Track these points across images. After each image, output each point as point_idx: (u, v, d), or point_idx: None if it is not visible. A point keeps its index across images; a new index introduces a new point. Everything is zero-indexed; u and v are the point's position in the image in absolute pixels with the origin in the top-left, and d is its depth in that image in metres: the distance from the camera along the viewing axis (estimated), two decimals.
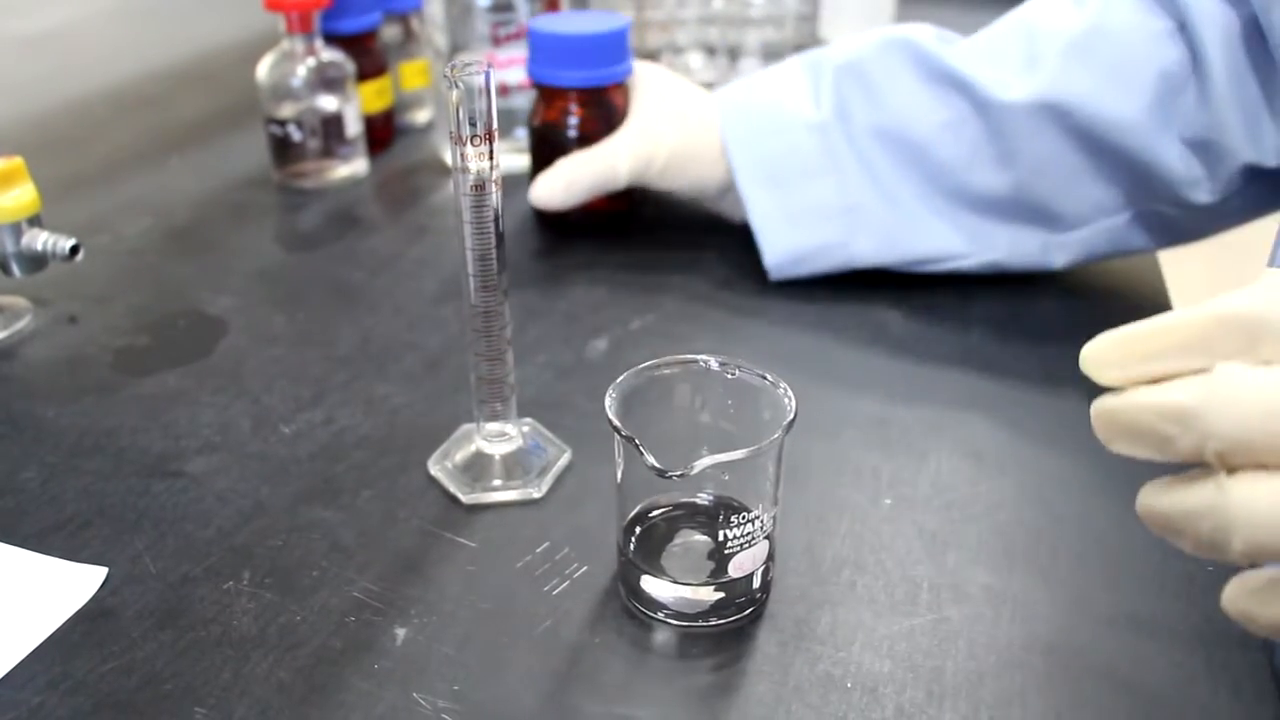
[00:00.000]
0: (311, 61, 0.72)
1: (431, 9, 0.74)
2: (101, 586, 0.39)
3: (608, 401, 0.36)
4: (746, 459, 0.34)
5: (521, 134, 0.76)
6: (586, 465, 0.45)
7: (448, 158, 0.80)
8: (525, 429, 0.46)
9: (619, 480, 0.37)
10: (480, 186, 0.39)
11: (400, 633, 0.37)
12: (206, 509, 0.43)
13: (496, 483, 0.43)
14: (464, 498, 0.43)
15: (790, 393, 0.36)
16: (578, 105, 0.64)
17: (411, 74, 0.84)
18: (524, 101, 0.74)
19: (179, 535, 0.42)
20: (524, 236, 0.67)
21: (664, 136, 0.60)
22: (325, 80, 0.73)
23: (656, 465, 0.33)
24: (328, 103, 0.73)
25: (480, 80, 0.37)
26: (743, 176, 0.59)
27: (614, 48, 0.63)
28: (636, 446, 0.34)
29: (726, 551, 0.36)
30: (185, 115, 0.92)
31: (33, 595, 0.38)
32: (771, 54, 0.95)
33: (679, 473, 0.33)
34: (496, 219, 0.40)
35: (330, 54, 0.73)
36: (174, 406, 0.50)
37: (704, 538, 0.38)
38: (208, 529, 0.42)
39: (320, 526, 0.42)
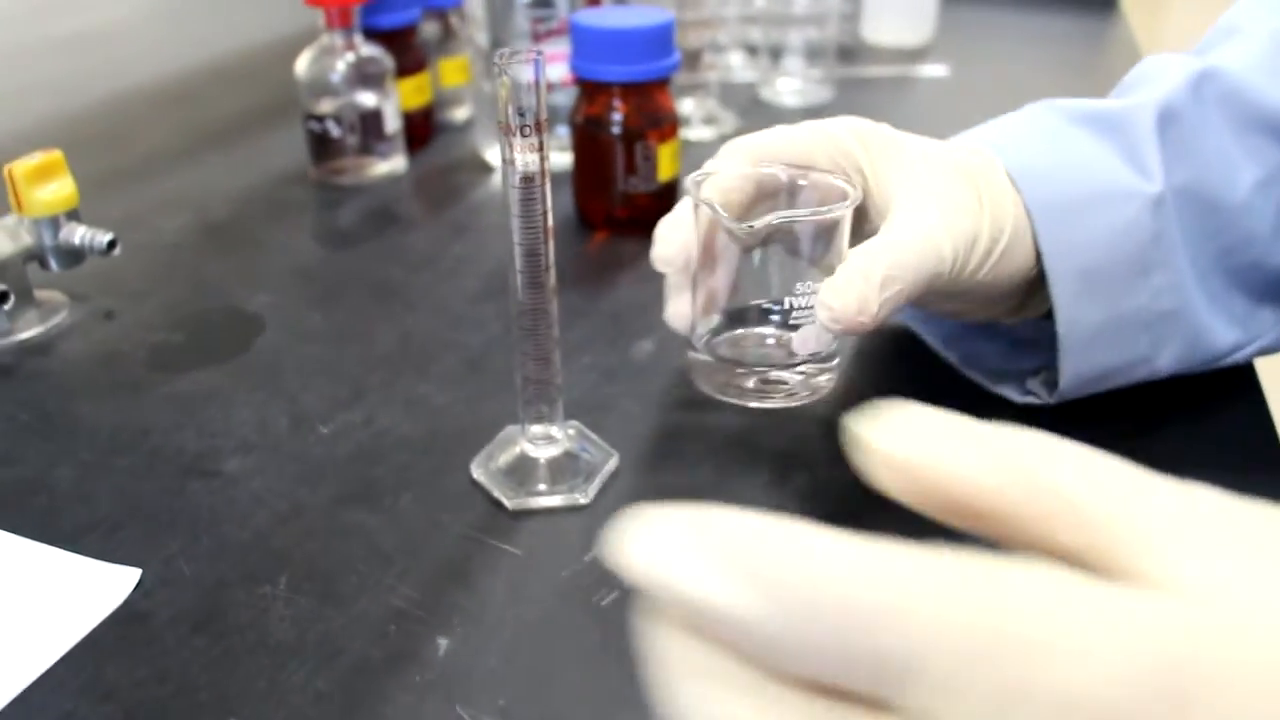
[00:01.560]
0: (350, 57, 0.71)
1: (472, 5, 0.73)
2: (135, 589, 0.38)
3: (689, 184, 0.41)
4: (812, 221, 0.39)
5: (563, 131, 0.74)
6: (634, 470, 0.43)
7: (488, 155, 0.80)
8: (571, 432, 0.44)
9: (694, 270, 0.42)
10: (529, 179, 0.37)
11: (443, 643, 0.35)
12: (243, 510, 0.42)
13: (542, 487, 0.42)
14: (508, 503, 0.41)
15: (856, 186, 0.40)
16: (621, 101, 0.62)
17: (451, 71, 0.83)
18: (565, 99, 0.73)
19: (214, 537, 0.40)
20: (566, 235, 0.66)
21: (974, 210, 0.39)
22: (364, 76, 0.71)
23: (731, 224, 0.38)
24: (366, 99, 0.72)
25: (530, 69, 0.35)
26: (1056, 269, 0.40)
27: (659, 42, 0.62)
28: (711, 207, 0.38)
29: (792, 321, 0.40)
30: (223, 112, 0.91)
31: (65, 596, 0.37)
32: (814, 53, 0.93)
33: (748, 225, 0.38)
34: (545, 214, 0.38)
35: (369, 49, 0.72)
36: (210, 404, 0.49)
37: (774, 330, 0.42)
38: (244, 531, 0.41)
39: (360, 530, 0.41)
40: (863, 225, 0.42)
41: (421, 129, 0.80)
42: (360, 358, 0.52)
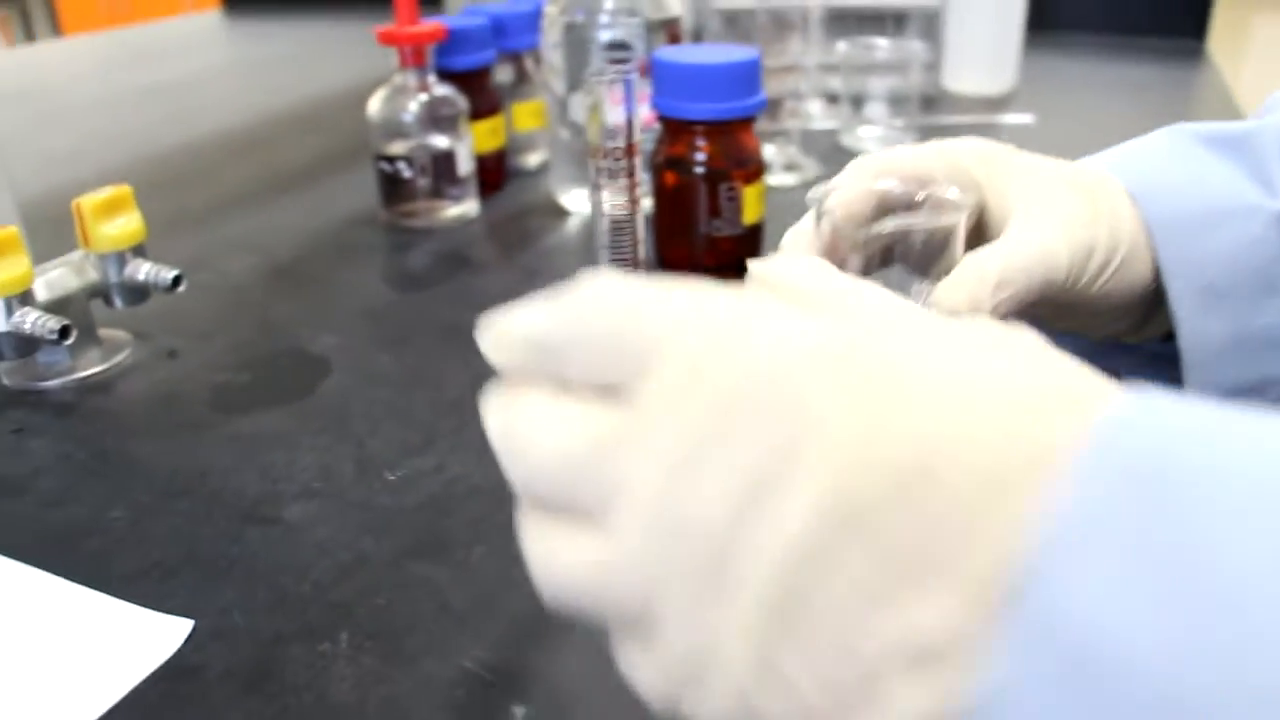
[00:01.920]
0: (424, 97, 0.69)
1: (548, 49, 0.72)
2: (186, 641, 0.35)
3: (812, 196, 0.38)
4: (928, 227, 0.36)
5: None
6: None
7: (563, 200, 0.77)
8: None
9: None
10: (621, 209, 0.34)
11: (519, 711, 0.32)
12: (303, 560, 0.39)
13: None
14: None
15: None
16: (705, 140, 0.60)
17: (525, 115, 0.82)
18: (645, 142, 0.70)
19: (272, 588, 0.37)
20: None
21: (1090, 223, 0.39)
22: (437, 117, 0.70)
23: (851, 231, 0.36)
24: (439, 140, 0.70)
25: (620, 89, 0.33)
26: (1176, 286, 0.40)
27: (745, 79, 0.59)
28: (829, 212, 0.37)
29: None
30: (294, 157, 0.91)
31: (112, 647, 0.34)
32: (896, 101, 0.90)
33: (865, 231, 0.36)
34: (636, 245, 0.35)
35: (443, 89, 0.70)
36: (272, 448, 0.46)
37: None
38: (304, 582, 0.37)
39: (428, 585, 0.37)
40: (981, 242, 0.40)
41: (494, 173, 0.78)
42: (430, 402, 0.50)
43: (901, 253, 0.39)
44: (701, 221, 0.61)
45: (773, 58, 0.88)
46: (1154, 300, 0.41)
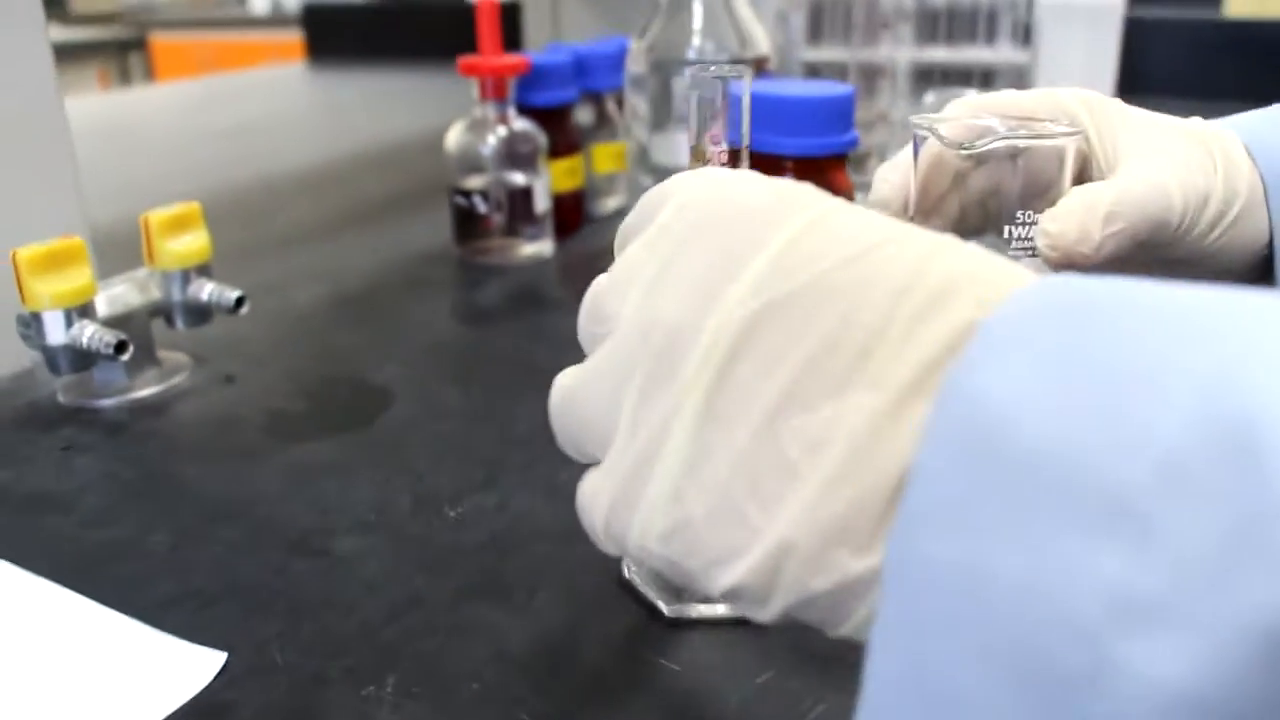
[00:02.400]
0: (502, 131, 0.68)
1: (632, 87, 0.70)
2: (219, 675, 0.31)
3: (912, 119, 0.37)
4: (1035, 146, 0.35)
5: None
6: None
7: None
8: None
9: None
10: None
11: None
12: (351, 596, 0.35)
13: None
14: (666, 609, 0.34)
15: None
16: (794, 177, 0.57)
17: (605, 157, 0.79)
18: None
19: (315, 624, 0.34)
20: None
21: (1206, 169, 0.37)
22: (515, 153, 0.68)
23: (947, 137, 0.34)
24: (516, 176, 0.68)
25: (730, 88, 0.30)
26: None
27: (838, 115, 0.56)
28: (931, 130, 0.35)
29: (1010, 253, 0.35)
30: (369, 195, 0.90)
31: (141, 676, 0.31)
32: None
33: (968, 145, 0.34)
34: None
35: (522, 124, 0.68)
36: (326, 477, 0.43)
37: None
38: (350, 620, 0.34)
39: (486, 629, 0.34)
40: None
41: (572, 215, 0.76)
42: (497, 438, 0.47)
43: (1004, 182, 0.37)
44: None
45: (861, 109, 0.86)
46: (1266, 266, 0.38)
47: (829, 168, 0.57)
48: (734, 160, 0.32)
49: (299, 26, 1.89)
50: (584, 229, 0.77)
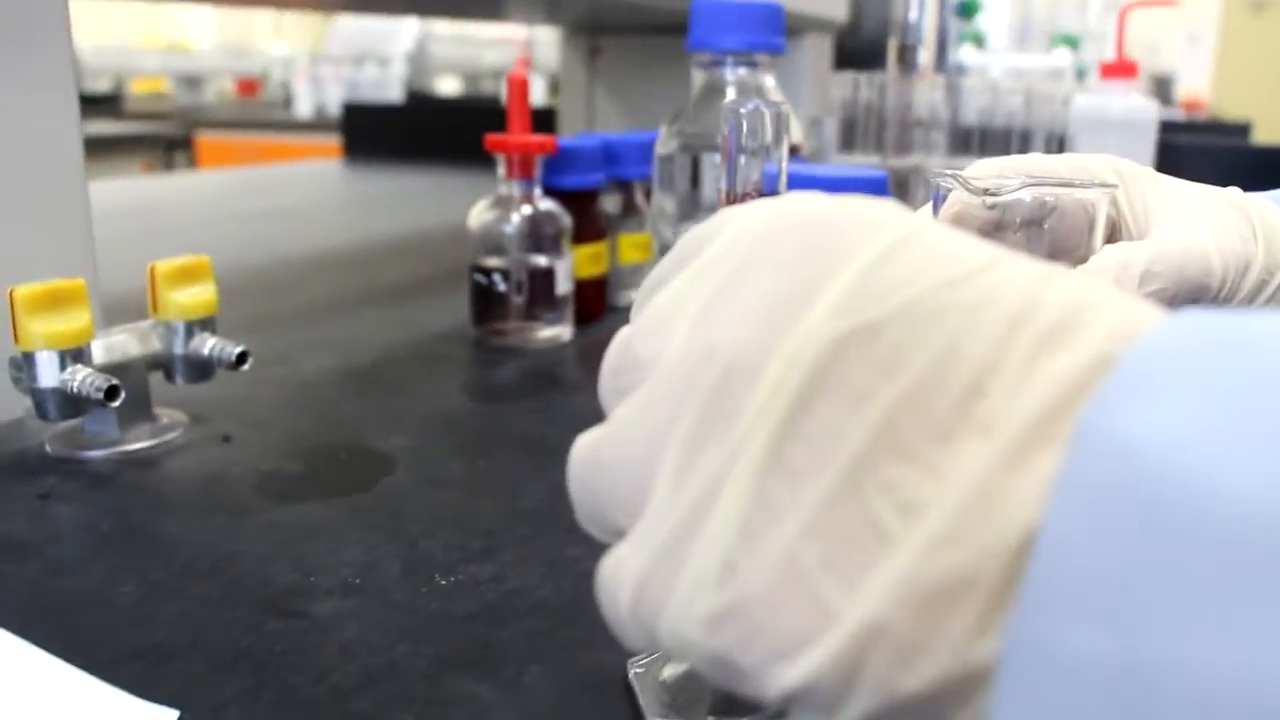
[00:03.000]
0: (527, 209, 0.66)
1: (659, 172, 0.69)
2: None
3: (932, 174, 0.34)
4: (1063, 199, 0.32)
5: None
6: None
7: None
8: None
9: None
10: None
11: None
12: (324, 660, 0.32)
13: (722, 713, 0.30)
14: None
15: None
16: None
17: (630, 247, 0.78)
18: None
19: (280, 687, 0.31)
20: None
21: (1246, 236, 0.34)
22: (539, 233, 0.67)
23: (972, 183, 0.32)
24: (538, 257, 0.67)
25: (762, 116, 0.28)
26: None
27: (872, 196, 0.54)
28: (955, 178, 0.32)
29: None
30: (391, 277, 0.89)
31: None
32: None
33: (990, 192, 0.32)
34: None
35: (547, 204, 0.67)
36: (313, 538, 0.40)
37: None
38: (319, 685, 0.31)
39: (470, 703, 0.30)
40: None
41: (594, 303, 0.74)
42: (500, 510, 0.44)
43: (1033, 238, 0.34)
44: None
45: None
46: None
47: None
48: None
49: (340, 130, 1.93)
50: (606, 318, 0.75)
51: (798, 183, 0.54)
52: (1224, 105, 4.90)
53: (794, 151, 0.66)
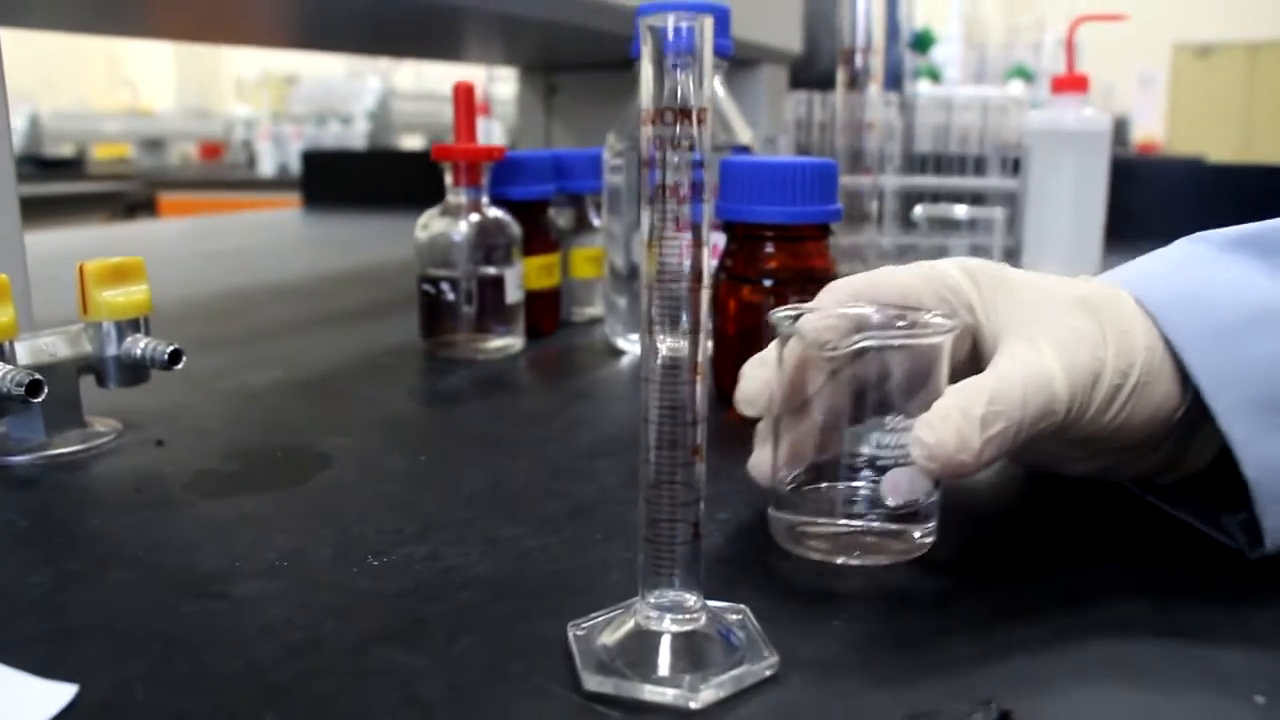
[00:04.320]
0: (475, 217, 0.65)
1: (608, 179, 0.68)
2: (66, 712, 0.26)
3: (775, 317, 0.36)
4: (906, 347, 0.34)
5: None
6: (797, 685, 0.30)
7: (620, 342, 0.71)
8: (735, 617, 0.31)
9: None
10: (677, 343, 0.27)
11: None
12: (241, 638, 0.30)
13: (661, 674, 0.28)
14: (587, 681, 0.28)
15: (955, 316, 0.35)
16: (774, 247, 0.54)
17: (582, 261, 0.77)
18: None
19: (191, 662, 0.29)
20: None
21: (1094, 343, 0.34)
22: (488, 242, 0.65)
23: (809, 339, 0.34)
24: (488, 266, 0.66)
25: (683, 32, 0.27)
26: (1224, 402, 0.33)
27: (820, 183, 0.53)
28: (794, 331, 0.34)
29: (880, 463, 0.34)
30: (344, 304, 0.87)
31: None
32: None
33: (832, 347, 0.34)
34: (694, 385, 0.28)
35: (496, 213, 0.66)
36: (242, 528, 0.39)
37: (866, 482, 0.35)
38: (233, 660, 0.29)
39: (395, 673, 0.29)
40: (977, 369, 0.35)
41: (547, 318, 0.73)
42: (439, 497, 0.42)
43: (877, 382, 0.35)
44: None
45: (846, 235, 0.84)
46: (1186, 431, 0.36)
47: (809, 239, 0.54)
48: (700, 119, 0.28)
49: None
50: (559, 333, 0.74)
51: (742, 171, 0.54)
52: (1176, 145, 4.99)
53: (746, 150, 0.66)
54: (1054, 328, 0.34)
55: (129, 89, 4.91)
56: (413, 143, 3.93)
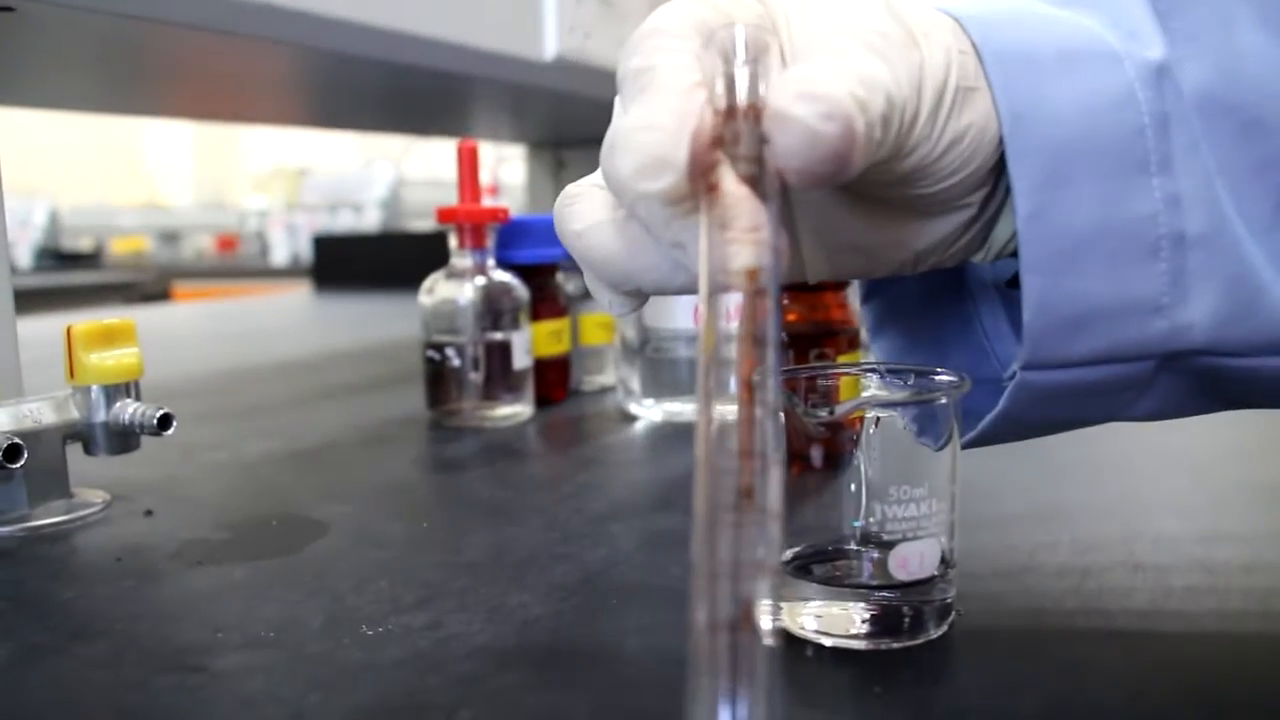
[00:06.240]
0: (480, 281, 0.63)
1: None
2: None
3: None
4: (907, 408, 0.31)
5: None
6: None
7: (632, 408, 0.68)
8: None
9: None
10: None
11: None
12: (217, 714, 0.27)
13: None
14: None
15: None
16: (789, 301, 0.52)
17: (593, 327, 0.75)
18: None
19: None
20: None
21: (907, 44, 0.28)
22: (494, 307, 0.63)
23: (807, 409, 0.31)
24: (494, 331, 0.64)
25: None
26: (1017, 143, 0.28)
27: None
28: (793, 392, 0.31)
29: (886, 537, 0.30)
30: (348, 378, 0.85)
31: None
32: None
33: (822, 412, 0.31)
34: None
35: (502, 276, 0.64)
36: (227, 597, 0.36)
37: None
38: None
39: None
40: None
41: (556, 386, 0.70)
42: (440, 564, 0.39)
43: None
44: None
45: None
46: (995, 188, 0.30)
47: (828, 289, 0.52)
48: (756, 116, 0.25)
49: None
50: (568, 401, 0.72)
51: None
52: None
53: None
54: (864, 34, 0.27)
55: (147, 184, 4.99)
56: (423, 225, 3.97)
